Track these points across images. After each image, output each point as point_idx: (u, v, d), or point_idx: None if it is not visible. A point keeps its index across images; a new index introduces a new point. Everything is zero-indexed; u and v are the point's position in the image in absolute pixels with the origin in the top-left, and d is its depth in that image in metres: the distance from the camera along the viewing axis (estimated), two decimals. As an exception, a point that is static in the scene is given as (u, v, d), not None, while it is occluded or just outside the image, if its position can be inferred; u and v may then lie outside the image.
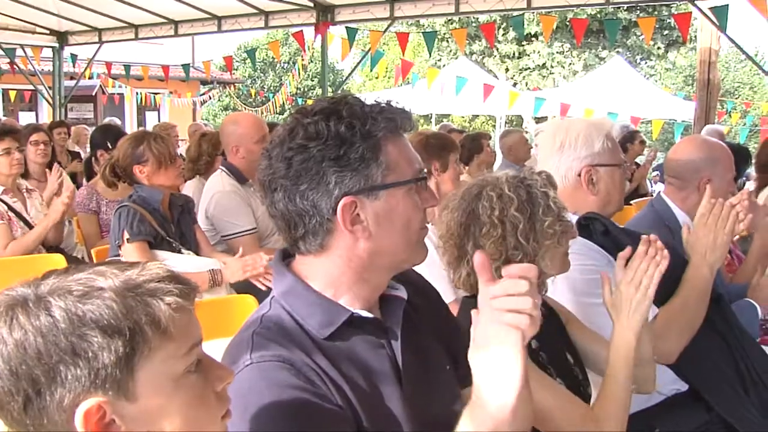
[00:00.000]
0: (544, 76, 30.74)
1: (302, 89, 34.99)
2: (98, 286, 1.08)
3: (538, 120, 19.22)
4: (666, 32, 30.10)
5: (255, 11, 12.53)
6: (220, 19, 13.01)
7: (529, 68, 30.84)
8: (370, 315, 1.55)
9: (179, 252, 3.95)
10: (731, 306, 2.83)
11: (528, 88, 27.80)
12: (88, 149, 8.05)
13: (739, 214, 2.49)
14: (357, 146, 1.47)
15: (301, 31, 13.04)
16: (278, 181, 1.51)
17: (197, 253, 4.09)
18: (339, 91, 17.13)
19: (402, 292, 1.62)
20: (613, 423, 1.90)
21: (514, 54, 30.84)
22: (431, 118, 22.62)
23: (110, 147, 5.36)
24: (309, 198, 1.49)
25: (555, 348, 2.12)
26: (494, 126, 21.22)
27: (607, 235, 2.52)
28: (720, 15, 10.11)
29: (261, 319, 1.54)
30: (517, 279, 1.29)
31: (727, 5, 9.99)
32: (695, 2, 11.01)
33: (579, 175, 2.74)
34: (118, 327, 1.06)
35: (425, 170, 1.58)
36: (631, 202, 6.40)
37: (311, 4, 11.93)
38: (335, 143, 1.46)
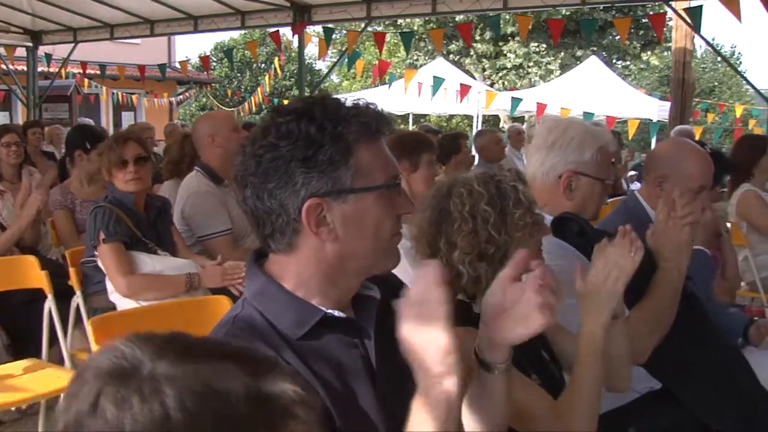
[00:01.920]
0: (521, 76, 30.85)
1: (280, 89, 34.91)
2: (222, 389, 0.86)
3: (515, 120, 19.29)
4: (642, 32, 30.29)
5: (231, 11, 12.49)
6: (197, 19, 12.96)
7: (506, 68, 30.93)
8: (343, 315, 1.56)
9: (155, 253, 3.95)
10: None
11: (505, 88, 27.90)
12: (63, 149, 7.99)
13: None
14: (326, 148, 1.47)
15: (278, 31, 13.01)
16: (248, 178, 1.52)
17: (174, 255, 4.08)
18: (316, 91, 17.13)
19: (375, 292, 1.63)
20: (580, 418, 1.90)
21: (491, 54, 30.92)
22: (408, 118, 22.62)
23: (89, 147, 5.31)
24: (277, 197, 1.49)
25: (530, 344, 2.13)
26: (471, 126, 21.24)
27: (582, 236, 2.53)
28: (694, 16, 10.21)
29: (233, 320, 1.54)
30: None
31: (701, 6, 10.09)
32: (670, 3, 11.10)
33: (560, 177, 2.74)
34: None
35: (400, 176, 1.58)
36: (607, 201, 6.43)
37: (288, 4, 11.91)
38: (305, 144, 1.46)
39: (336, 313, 1.55)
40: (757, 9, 9.44)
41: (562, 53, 30.27)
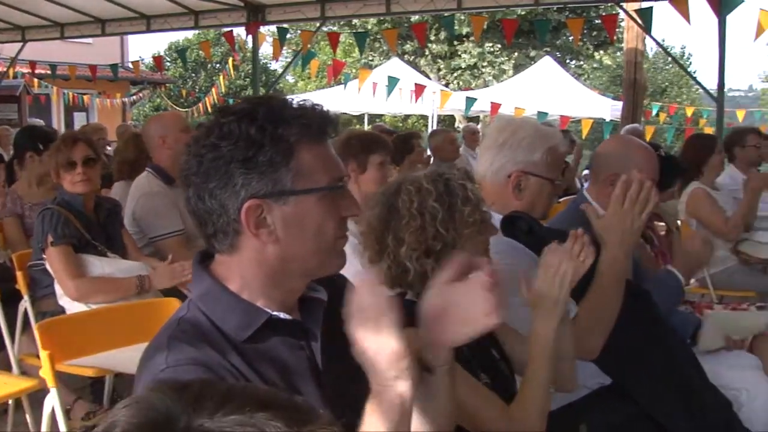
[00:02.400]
0: (475, 76, 31.06)
1: (235, 89, 34.69)
2: None
3: (470, 119, 19.39)
4: (595, 33, 30.67)
5: (185, 11, 12.40)
6: (149, 19, 12.83)
7: (460, 68, 31.12)
8: (288, 317, 1.55)
9: (105, 255, 3.89)
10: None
11: (460, 88, 28.05)
12: (12, 151, 7.84)
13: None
14: (266, 149, 1.45)
15: (231, 31, 12.95)
16: (191, 177, 1.51)
17: (124, 257, 4.03)
18: (271, 92, 17.06)
19: (322, 294, 1.63)
20: (532, 421, 1.92)
21: (445, 54, 31.09)
22: (364, 118, 22.63)
23: (41, 149, 5.21)
24: (217, 197, 1.48)
25: (479, 344, 2.14)
26: (426, 126, 21.32)
27: (531, 234, 2.54)
28: (645, 17, 10.36)
29: (178, 322, 1.52)
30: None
31: (652, 8, 10.24)
32: (621, 4, 11.25)
33: (509, 176, 2.75)
34: None
35: (346, 178, 1.57)
36: (560, 200, 6.49)
37: (242, 4, 11.85)
38: (245, 145, 1.45)
39: (282, 315, 1.54)
40: (706, 11, 9.62)
41: (517, 53, 30.52)
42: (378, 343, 1.31)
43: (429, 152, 8.73)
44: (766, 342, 3.75)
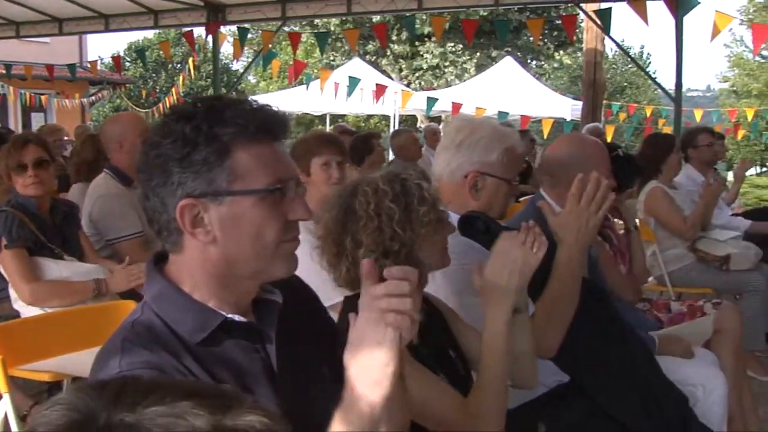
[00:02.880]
0: (437, 76, 31.17)
1: (196, 90, 34.43)
2: (184, 430, 0.80)
3: (432, 119, 19.43)
4: (555, 33, 30.92)
5: (144, 10, 12.28)
6: (108, 18, 12.69)
7: (422, 68, 31.20)
8: (243, 319, 1.54)
9: (61, 258, 3.84)
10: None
11: (422, 88, 28.12)
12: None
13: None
14: (201, 149, 1.44)
15: (192, 30, 12.85)
16: (139, 175, 1.52)
17: (82, 260, 3.98)
18: (233, 92, 16.98)
19: (277, 296, 1.61)
20: (489, 417, 1.92)
21: (407, 54, 31.14)
22: (326, 118, 22.59)
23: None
24: (159, 195, 1.48)
25: (437, 344, 2.15)
26: (388, 126, 21.35)
27: (488, 234, 2.54)
28: (603, 18, 10.46)
29: (132, 325, 1.51)
30: (399, 281, 1.35)
31: (611, 8, 10.35)
32: (580, 5, 11.36)
33: (466, 176, 2.76)
34: None
35: (291, 180, 1.53)
36: (520, 199, 6.52)
37: (202, 4, 11.78)
38: (181, 144, 1.44)
39: (236, 317, 1.53)
40: (664, 12, 9.74)
41: (478, 53, 30.67)
42: (378, 345, 1.32)
43: (391, 152, 8.74)
44: (721, 338, 3.81)
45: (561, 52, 32.80)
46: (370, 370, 1.32)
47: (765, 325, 5.45)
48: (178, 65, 35.98)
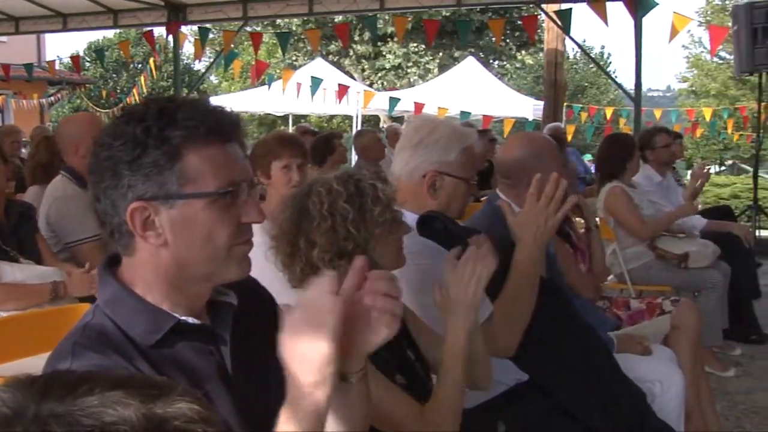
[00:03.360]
0: (400, 77, 31.21)
1: (157, 90, 34.14)
2: (113, 419, 0.80)
3: (394, 119, 19.45)
4: (517, 33, 31.10)
5: (103, 9, 12.18)
6: (66, 17, 12.56)
7: (385, 68, 31.22)
8: (197, 322, 1.53)
9: (17, 261, 3.77)
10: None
11: (384, 88, 28.14)
12: None
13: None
14: (150, 151, 1.43)
15: (151, 30, 12.74)
16: (89, 176, 1.50)
17: (39, 263, 3.91)
18: (194, 92, 16.85)
19: (232, 298, 1.60)
20: (446, 421, 1.93)
21: (370, 54, 31.15)
22: (289, 119, 22.51)
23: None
24: (109, 197, 1.46)
25: (395, 345, 2.14)
26: (351, 126, 21.33)
27: (447, 234, 2.54)
28: (564, 18, 10.56)
29: (83, 329, 1.48)
30: (389, 280, 1.39)
31: (571, 9, 10.46)
32: (541, 6, 11.45)
33: (424, 176, 2.76)
34: None
35: (244, 183, 1.51)
36: (482, 198, 6.54)
37: (162, 3, 11.71)
38: (132, 146, 1.42)
39: (190, 319, 1.52)
40: (624, 13, 9.87)
41: (441, 54, 30.76)
42: (309, 344, 1.30)
43: (354, 152, 8.73)
44: (680, 335, 3.86)
45: (523, 52, 33.02)
46: (311, 370, 1.31)
47: (723, 322, 5.54)
48: (140, 65, 35.67)
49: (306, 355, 1.30)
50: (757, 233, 9.23)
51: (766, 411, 4.70)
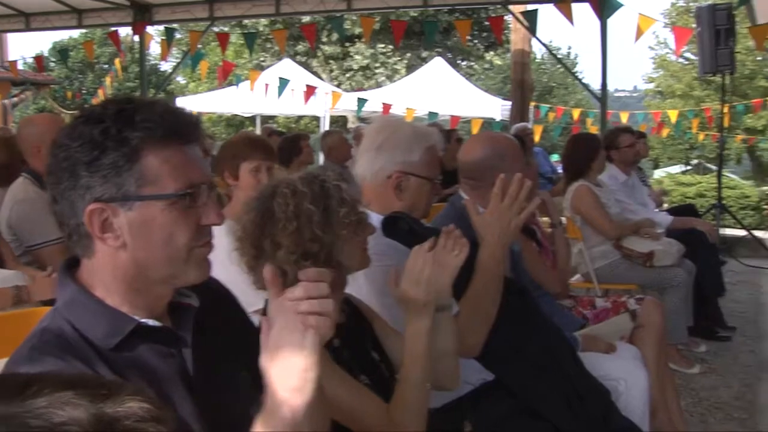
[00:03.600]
0: (368, 77, 31.18)
1: (124, 91, 33.83)
2: (62, 420, 0.79)
3: (362, 120, 19.44)
4: (485, 34, 31.21)
5: (67, 9, 12.04)
6: (29, 16, 12.40)
7: (353, 69, 31.19)
8: (158, 324, 1.51)
9: (-22, 264, 3.73)
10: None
11: (353, 89, 28.10)
12: None
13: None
14: (109, 153, 1.42)
15: (116, 30, 12.64)
16: (48, 177, 1.48)
17: (0, 267, 3.86)
18: (161, 93, 16.74)
19: (193, 300, 1.59)
20: (409, 418, 1.93)
21: (337, 55, 31.10)
22: (256, 119, 22.41)
23: None
24: (68, 198, 1.45)
25: (359, 346, 2.14)
26: (319, 127, 21.30)
27: (412, 234, 2.54)
28: (530, 19, 10.62)
29: (41, 333, 1.46)
30: (317, 282, 1.36)
31: (537, 10, 10.53)
32: (508, 6, 11.51)
33: (389, 177, 2.76)
34: None
35: (203, 185, 1.50)
36: (449, 199, 6.55)
37: (128, 3, 11.61)
38: (90, 147, 1.41)
39: (150, 322, 1.50)
40: (591, 14, 9.96)
41: (409, 54, 30.78)
42: (291, 351, 1.31)
43: (322, 153, 8.71)
44: (644, 333, 3.89)
45: (491, 52, 33.13)
46: (290, 375, 1.31)
47: (688, 319, 5.59)
48: (106, 66, 35.34)
49: (287, 360, 1.31)
50: (721, 231, 9.34)
51: (730, 407, 4.75)
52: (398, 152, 2.74)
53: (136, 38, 12.83)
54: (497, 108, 17.26)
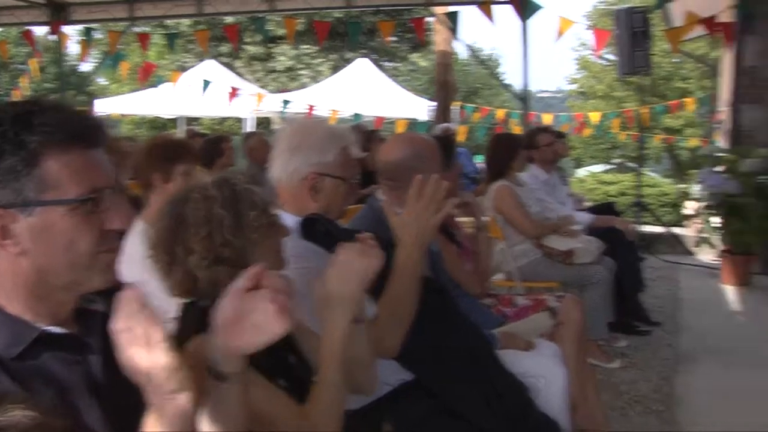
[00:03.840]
0: (292, 78, 31.03)
1: (42, 92, 32.98)
2: None
3: (286, 121, 19.32)
4: (409, 35, 31.33)
5: (-22, 6, 11.68)
6: (-64, 14, 12.00)
7: (277, 70, 31.00)
8: (62, 331, 1.48)
9: None
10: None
11: (278, 90, 27.93)
12: None
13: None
14: (6, 157, 1.38)
15: (30, 30, 12.32)
16: None
17: None
18: (81, 94, 16.38)
19: (99, 305, 1.55)
20: (326, 423, 1.91)
21: (261, 56, 30.88)
22: (180, 121, 22.09)
23: None
24: None
25: (275, 349, 2.10)
26: (242, 128, 21.11)
27: (329, 236, 2.53)
28: (453, 20, 10.73)
29: None
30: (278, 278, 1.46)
31: (458, 11, 10.65)
32: (430, 8, 11.61)
33: (304, 178, 2.74)
34: None
35: (106, 189, 1.47)
36: (366, 200, 6.55)
37: (43, 2, 11.31)
38: None
39: (54, 329, 1.47)
40: (512, 15, 10.12)
41: (333, 55, 30.74)
42: (150, 360, 1.29)
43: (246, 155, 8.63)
44: (564, 330, 3.93)
45: (415, 54, 33.31)
46: (161, 382, 1.31)
47: (608, 315, 5.69)
48: (21, 66, 34.40)
49: (151, 370, 1.30)
50: (641, 228, 9.55)
51: (649, 399, 4.86)
52: (313, 153, 2.72)
53: (54, 38, 12.54)
54: (423, 109, 17.35)
